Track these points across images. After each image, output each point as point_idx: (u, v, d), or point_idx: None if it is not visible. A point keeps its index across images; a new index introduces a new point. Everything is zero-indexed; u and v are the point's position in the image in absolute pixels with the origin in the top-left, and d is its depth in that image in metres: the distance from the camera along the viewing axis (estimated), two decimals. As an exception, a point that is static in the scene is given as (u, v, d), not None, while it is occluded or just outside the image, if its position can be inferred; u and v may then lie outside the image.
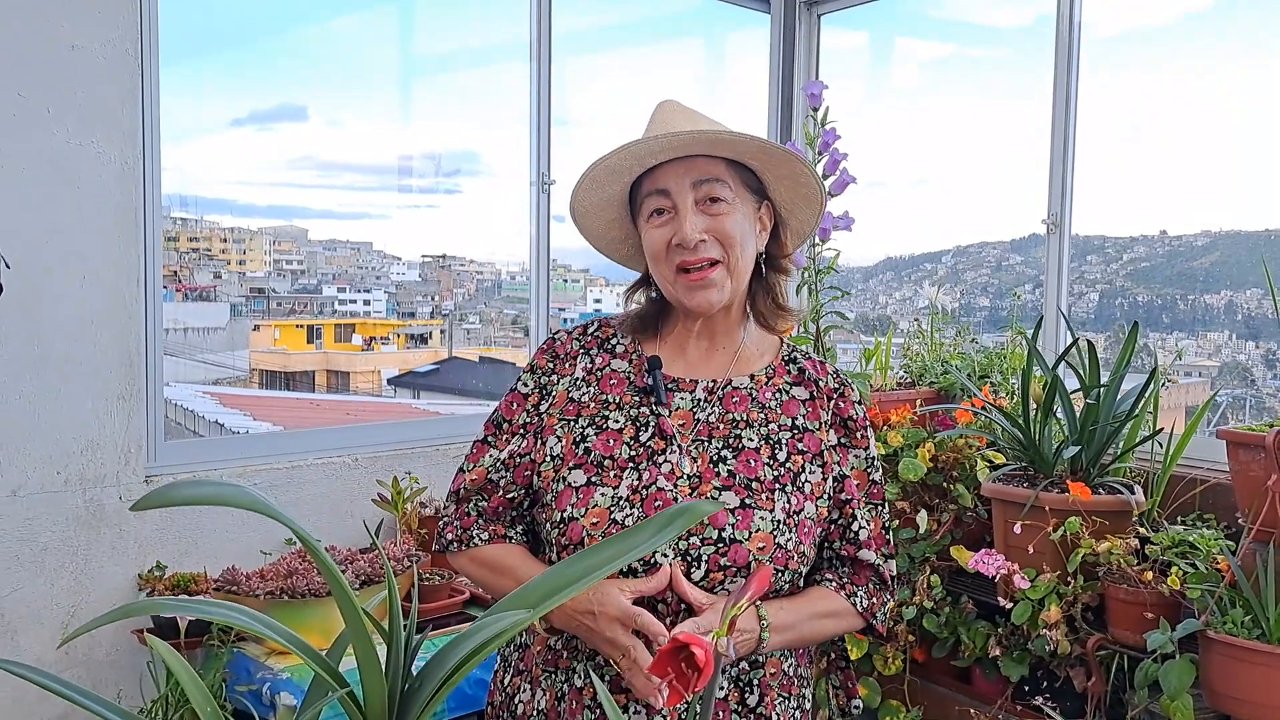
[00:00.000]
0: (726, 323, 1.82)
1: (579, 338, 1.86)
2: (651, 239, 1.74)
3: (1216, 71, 3.50)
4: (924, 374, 3.38)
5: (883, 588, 1.83)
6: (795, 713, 1.77)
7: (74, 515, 2.66)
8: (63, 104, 2.57)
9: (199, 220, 7.06)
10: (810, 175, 1.78)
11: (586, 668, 1.69)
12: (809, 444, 1.76)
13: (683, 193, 1.71)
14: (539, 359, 1.86)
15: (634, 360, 1.82)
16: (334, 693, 1.18)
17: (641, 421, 1.75)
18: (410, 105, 4.52)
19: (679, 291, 1.74)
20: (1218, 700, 2.17)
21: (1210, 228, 3.77)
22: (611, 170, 1.75)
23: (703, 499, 1.66)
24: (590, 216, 1.84)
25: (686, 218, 1.70)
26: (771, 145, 1.73)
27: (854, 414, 1.83)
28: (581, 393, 1.79)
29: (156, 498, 1.08)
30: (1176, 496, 2.73)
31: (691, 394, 1.78)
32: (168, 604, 1.23)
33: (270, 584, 2.57)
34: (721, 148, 1.72)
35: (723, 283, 1.72)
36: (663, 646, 1.22)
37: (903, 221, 4.58)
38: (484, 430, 1.84)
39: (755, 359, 1.83)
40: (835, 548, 1.80)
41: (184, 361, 7.24)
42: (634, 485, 1.68)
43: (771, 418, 1.77)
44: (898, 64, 4.81)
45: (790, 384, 1.82)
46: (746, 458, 1.72)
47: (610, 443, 1.73)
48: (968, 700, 2.77)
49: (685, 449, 1.72)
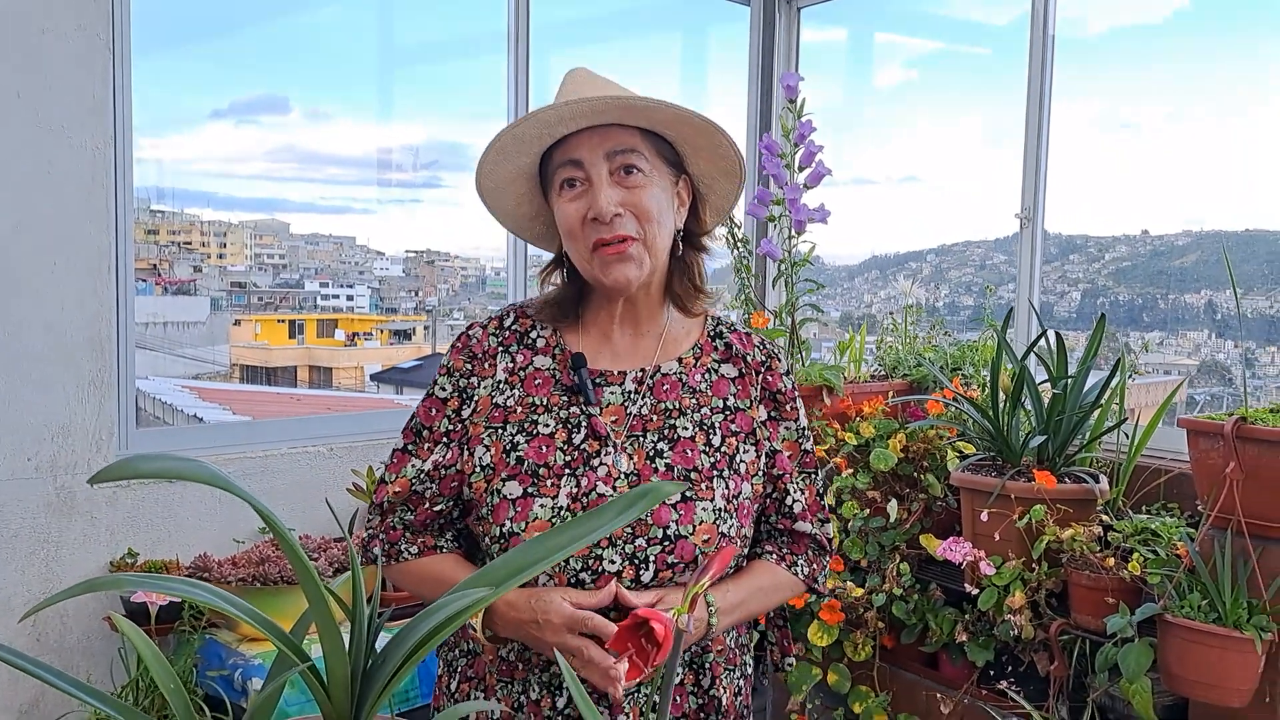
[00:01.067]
0: (649, 304, 1.75)
1: (496, 333, 1.77)
2: (564, 213, 1.66)
3: (1200, 71, 3.53)
4: (897, 366, 3.41)
5: (822, 553, 1.84)
6: (739, 682, 1.78)
7: (45, 502, 2.67)
8: (34, 89, 2.57)
9: (179, 213, 7.02)
10: (730, 147, 1.70)
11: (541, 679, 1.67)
12: (741, 423, 1.74)
13: (596, 163, 1.63)
14: (455, 360, 1.78)
15: (557, 356, 1.74)
16: (296, 667, 1.20)
17: (573, 423, 1.68)
18: (391, 98, 4.52)
19: (595, 268, 1.66)
20: (1174, 682, 2.20)
21: (1191, 227, 3.81)
22: (520, 139, 1.66)
23: (664, 480, 1.66)
24: (499, 193, 1.75)
25: (601, 189, 1.62)
26: (689, 113, 1.65)
27: (782, 386, 1.80)
28: (506, 396, 1.72)
29: (117, 469, 1.08)
30: (1142, 486, 2.77)
31: (621, 386, 1.72)
32: (132, 580, 1.24)
33: (242, 570, 2.58)
34: (636, 115, 1.64)
35: (641, 258, 1.65)
36: (623, 623, 1.24)
37: (888, 220, 4.61)
38: (403, 438, 1.75)
39: (682, 339, 1.79)
40: (772, 521, 1.80)
41: (163, 355, 7.21)
42: (573, 493, 1.63)
43: (703, 401, 1.73)
44: (879, 60, 4.83)
45: (719, 361, 1.78)
46: (683, 448, 1.68)
47: (543, 449, 1.66)
48: (935, 685, 2.80)
49: (620, 446, 1.68)
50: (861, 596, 2.82)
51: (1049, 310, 3.60)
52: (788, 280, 3.33)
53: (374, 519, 1.76)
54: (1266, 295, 3.52)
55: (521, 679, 1.69)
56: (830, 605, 2.82)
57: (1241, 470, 2.18)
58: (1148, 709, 2.22)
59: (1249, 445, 2.18)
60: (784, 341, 3.33)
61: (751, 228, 3.94)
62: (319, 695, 1.20)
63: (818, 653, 2.87)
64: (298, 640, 1.27)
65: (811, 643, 2.84)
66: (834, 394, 3.10)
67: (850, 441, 2.97)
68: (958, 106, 4.33)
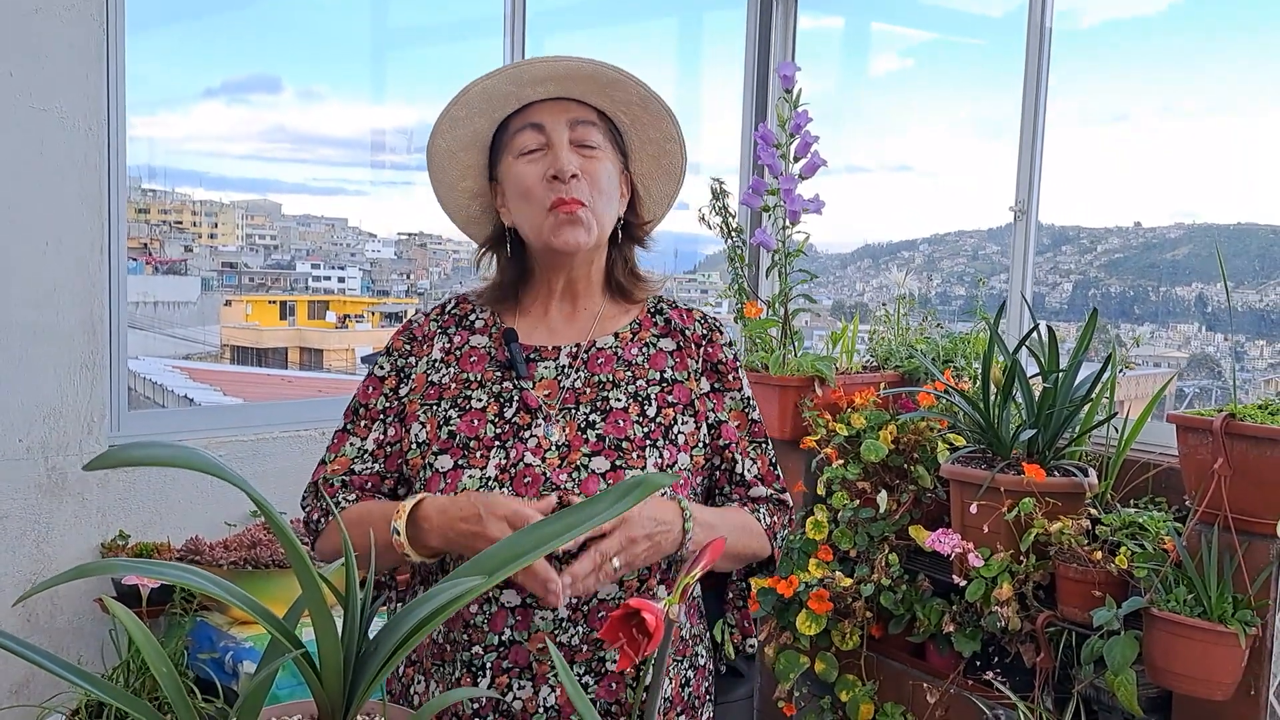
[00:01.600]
0: (588, 282, 1.80)
1: (436, 318, 1.83)
2: (522, 174, 1.70)
3: (1193, 64, 3.53)
4: (889, 358, 3.42)
5: (782, 509, 1.84)
6: (688, 672, 1.79)
7: (36, 483, 2.67)
8: (26, 69, 2.56)
9: (170, 192, 6.99)
10: (677, 142, 1.77)
11: (463, 657, 1.68)
12: (679, 395, 1.76)
13: (558, 129, 1.69)
14: (395, 342, 1.83)
15: (493, 335, 1.79)
16: (289, 654, 1.21)
17: (505, 397, 1.72)
18: (384, 79, 4.51)
19: (548, 230, 1.69)
20: (1159, 675, 2.22)
21: (1183, 220, 3.82)
22: (488, 94, 1.71)
23: (658, 471, 1.67)
24: (449, 159, 1.78)
25: (563, 150, 1.68)
26: (653, 94, 1.72)
27: (723, 357, 1.82)
28: (441, 374, 1.76)
29: (110, 457, 1.09)
30: (1130, 479, 2.78)
31: (555, 361, 1.76)
32: (123, 564, 1.25)
33: (234, 554, 2.59)
34: (602, 91, 1.71)
35: (590, 225, 1.70)
36: (614, 613, 1.24)
37: (882, 208, 4.61)
38: (343, 419, 1.80)
39: (620, 317, 1.82)
40: (726, 492, 1.81)
41: (154, 335, 7.19)
42: (501, 464, 1.66)
43: (639, 374, 1.76)
44: (876, 50, 4.83)
45: (658, 336, 1.81)
46: (615, 419, 1.71)
47: (475, 423, 1.70)
48: (922, 675, 2.82)
49: (552, 418, 1.70)
50: (850, 586, 2.83)
51: (1040, 301, 3.60)
52: (781, 270, 3.33)
53: (308, 497, 1.80)
54: (1257, 289, 3.53)
55: (450, 660, 1.70)
56: (818, 595, 2.83)
57: (1230, 466, 2.19)
58: (1132, 701, 2.24)
59: (1237, 441, 2.19)
60: (776, 332, 3.34)
61: (745, 217, 3.94)
62: (312, 682, 1.20)
63: (805, 641, 2.89)
64: (291, 626, 1.28)
65: (799, 631, 2.85)
66: (825, 385, 3.11)
67: (841, 432, 2.97)
68: (952, 96, 4.34)
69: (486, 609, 1.65)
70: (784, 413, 3.15)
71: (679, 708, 1.76)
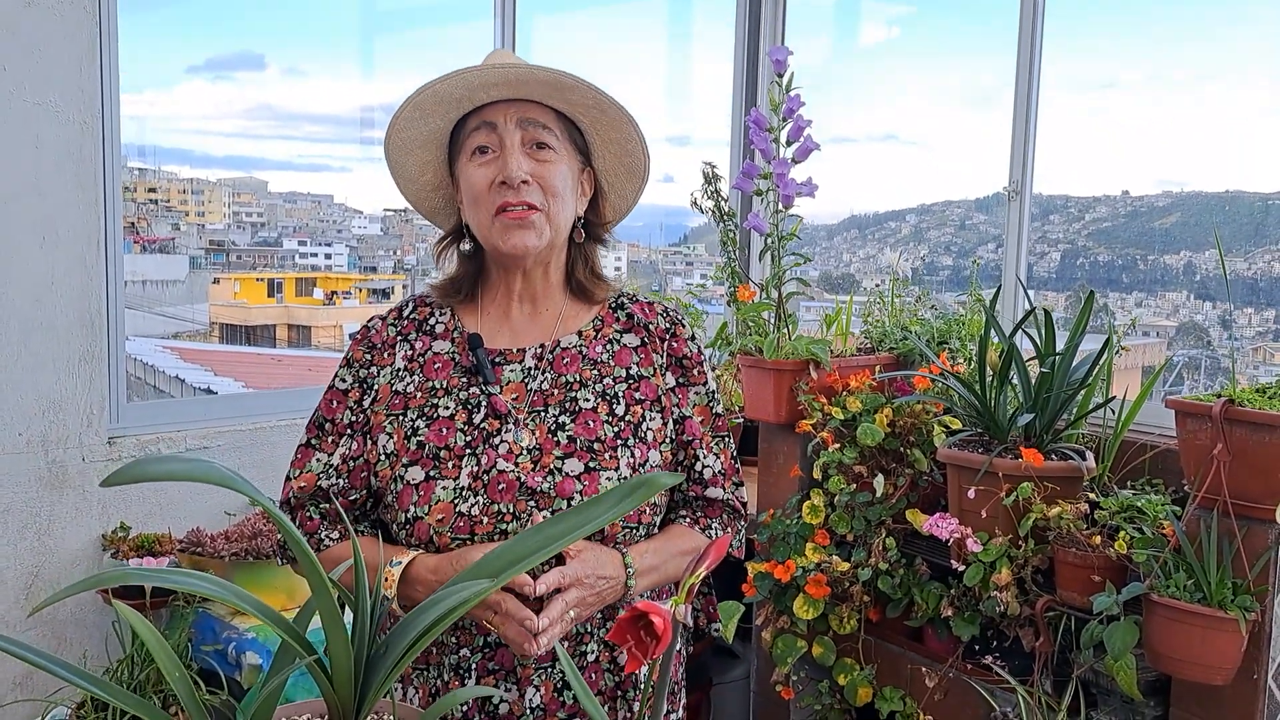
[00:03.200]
0: (547, 285, 1.80)
1: (394, 323, 1.81)
2: (473, 177, 1.70)
3: (1181, 31, 3.52)
4: (883, 340, 3.42)
5: (736, 517, 1.86)
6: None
7: (37, 476, 2.67)
8: (19, 63, 2.55)
9: (156, 170, 6.95)
10: (639, 144, 1.76)
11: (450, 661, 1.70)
12: (645, 391, 1.76)
13: (510, 130, 1.68)
14: (355, 351, 1.80)
15: (456, 339, 1.78)
16: (301, 660, 1.21)
17: (473, 404, 1.71)
18: (373, 58, 4.49)
19: (495, 234, 1.70)
20: (1158, 660, 2.24)
21: (1172, 189, 3.82)
22: (440, 99, 1.70)
23: (660, 472, 1.68)
24: (405, 154, 1.78)
25: (513, 154, 1.67)
26: (609, 99, 1.71)
27: (688, 352, 1.83)
28: (405, 383, 1.75)
29: (127, 474, 1.09)
30: (1128, 461, 2.79)
31: (520, 364, 1.75)
32: (141, 574, 1.26)
33: (235, 545, 2.59)
34: (556, 94, 1.70)
35: (541, 228, 1.70)
36: (621, 616, 1.25)
37: (869, 179, 4.60)
38: (306, 433, 1.78)
39: (583, 314, 1.82)
40: (684, 489, 1.82)
41: (143, 314, 7.15)
42: (474, 472, 1.66)
43: (605, 371, 1.76)
44: (866, 19, 4.81)
45: (621, 331, 1.81)
46: (585, 419, 1.71)
47: (443, 432, 1.69)
48: (920, 659, 2.83)
49: (522, 423, 1.70)
50: (847, 570, 2.85)
51: (1029, 271, 3.60)
52: (774, 254, 3.32)
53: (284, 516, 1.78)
54: (1245, 257, 3.54)
55: (436, 663, 1.71)
56: (816, 579, 2.84)
57: (1229, 452, 2.20)
58: (1131, 685, 2.26)
59: (1237, 427, 2.20)
60: (770, 315, 3.34)
61: (737, 201, 3.93)
62: (324, 685, 1.21)
63: (803, 625, 2.90)
64: (302, 629, 1.28)
65: (797, 616, 2.87)
66: (820, 368, 3.11)
67: (837, 416, 2.98)
68: (940, 65, 4.32)
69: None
70: (779, 396, 3.15)
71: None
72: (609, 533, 1.67)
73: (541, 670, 1.68)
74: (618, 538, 1.69)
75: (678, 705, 1.86)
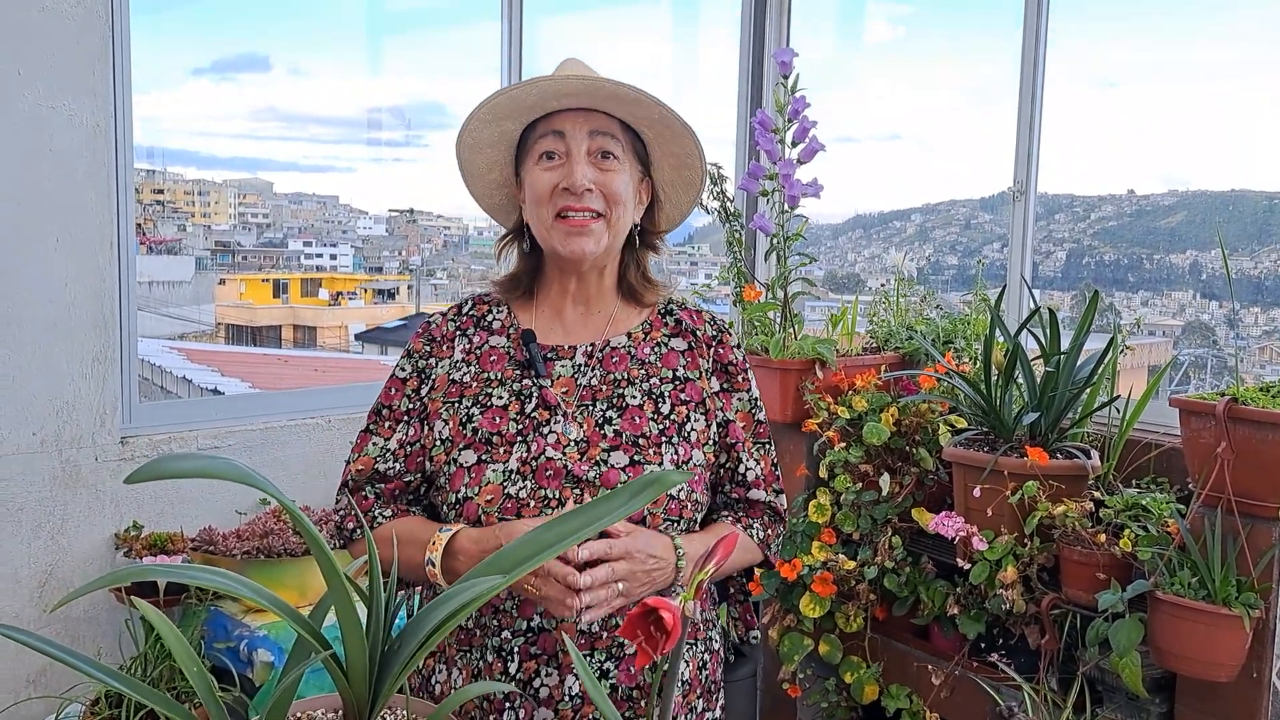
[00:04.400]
0: (600, 286, 1.86)
1: (454, 319, 1.88)
2: (538, 180, 1.76)
3: (1185, 29, 3.53)
4: (889, 339, 3.44)
5: (777, 520, 1.90)
6: (704, 655, 1.84)
7: (51, 476, 2.69)
8: (33, 67, 2.57)
9: (163, 172, 6.97)
10: (698, 159, 1.82)
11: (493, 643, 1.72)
12: (691, 393, 1.81)
13: (578, 139, 1.74)
14: (415, 343, 1.87)
15: (511, 335, 1.84)
16: (317, 654, 1.23)
17: (525, 394, 1.77)
18: (379, 59, 4.51)
19: (555, 237, 1.76)
20: (1163, 658, 2.25)
21: (1177, 187, 3.83)
22: (515, 103, 1.75)
23: (673, 469, 1.71)
24: (477, 152, 1.84)
25: (579, 163, 1.73)
26: (673, 115, 1.76)
27: (733, 359, 1.88)
28: (462, 373, 1.81)
29: (149, 471, 1.12)
30: (1133, 460, 2.80)
31: (571, 360, 1.81)
32: (160, 570, 1.27)
33: (247, 544, 2.62)
34: (626, 106, 1.75)
35: (600, 235, 1.76)
36: (631, 611, 1.27)
37: (873, 178, 4.61)
38: (367, 420, 1.85)
39: (633, 318, 1.88)
40: (726, 491, 1.87)
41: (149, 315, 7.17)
42: (523, 458, 1.71)
43: (652, 372, 1.81)
44: (870, 19, 4.82)
45: (669, 336, 1.87)
46: (631, 415, 1.76)
47: (496, 419, 1.75)
48: (926, 657, 2.85)
49: (571, 415, 1.75)
50: (854, 569, 2.86)
51: (1034, 270, 3.60)
52: (780, 254, 3.34)
53: (341, 499, 1.85)
54: (1250, 255, 3.55)
55: (480, 644, 1.74)
56: (822, 578, 2.86)
57: (1233, 450, 2.22)
58: (1137, 683, 2.27)
59: (1240, 426, 2.22)
60: (775, 315, 3.36)
61: (743, 201, 3.95)
62: (339, 680, 1.23)
63: (809, 624, 2.92)
64: (317, 624, 1.30)
65: (803, 614, 2.88)
66: (826, 368, 3.13)
67: (843, 415, 3.00)
68: (945, 64, 4.33)
69: (516, 595, 1.69)
70: (785, 396, 3.17)
71: (697, 690, 1.81)
72: (651, 524, 1.70)
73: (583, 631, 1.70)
74: (660, 529, 1.72)
75: (714, 705, 1.88)
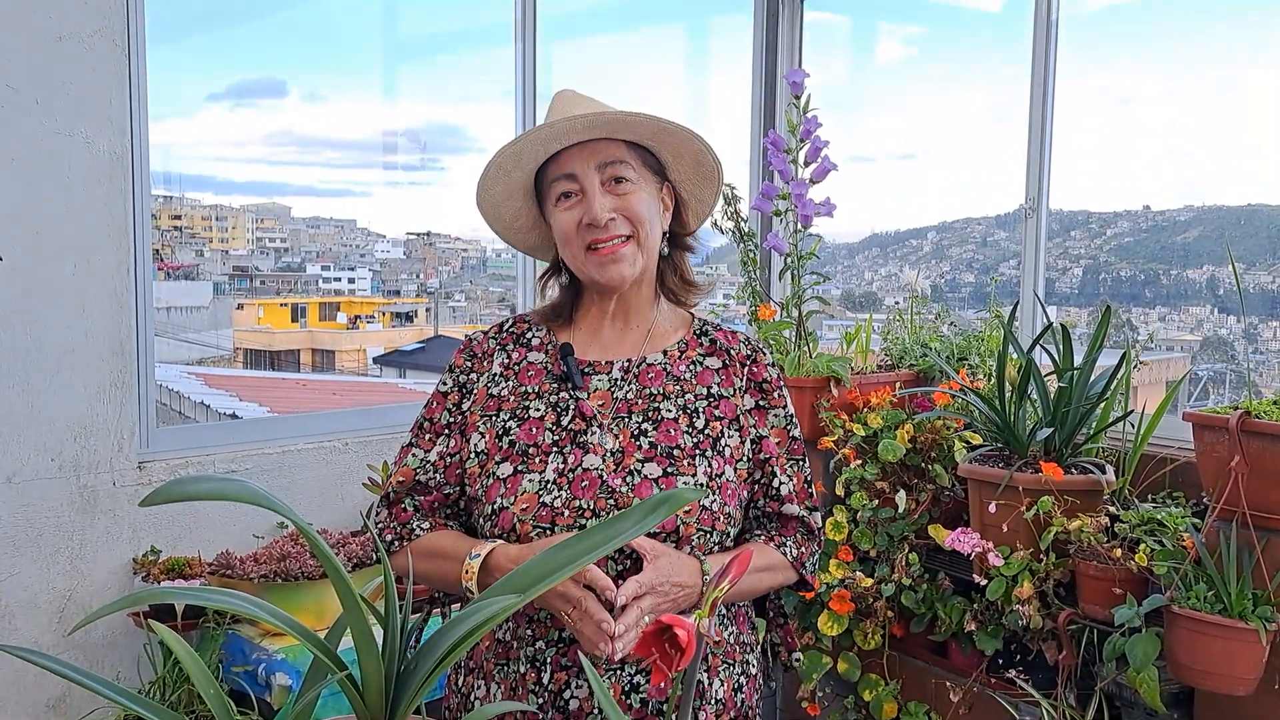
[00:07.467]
0: (639, 300, 1.88)
1: (495, 336, 1.92)
2: (561, 221, 1.79)
3: (1198, 45, 3.53)
4: (903, 357, 3.44)
5: (810, 537, 1.90)
6: (740, 678, 1.83)
7: (69, 501, 2.71)
8: (51, 95, 2.60)
9: (180, 198, 7.02)
10: (708, 154, 1.84)
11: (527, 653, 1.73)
12: (725, 410, 1.83)
13: (589, 175, 1.77)
14: (457, 359, 1.91)
15: (549, 351, 1.88)
16: (333, 675, 1.24)
17: (562, 407, 1.81)
18: (394, 83, 4.54)
19: (590, 268, 1.79)
20: (1181, 672, 2.24)
21: (1193, 203, 3.82)
22: (517, 157, 1.79)
23: (685, 487, 1.71)
24: (499, 207, 1.88)
25: (595, 198, 1.76)
26: (670, 124, 1.79)
27: (768, 377, 1.90)
28: (501, 387, 1.85)
29: (165, 493, 1.13)
30: (1147, 475, 2.80)
31: (608, 375, 1.84)
32: (180, 592, 1.29)
33: (264, 567, 2.63)
34: (622, 129, 1.78)
35: (634, 257, 1.79)
36: (646, 629, 1.28)
37: (889, 197, 4.62)
38: (409, 433, 1.89)
39: (669, 334, 1.90)
40: (761, 506, 1.87)
41: (168, 341, 7.21)
42: (559, 468, 1.74)
43: (687, 388, 1.84)
44: (882, 41, 4.84)
45: (703, 355, 1.89)
46: (666, 428, 1.78)
47: (533, 431, 1.78)
48: (944, 673, 2.84)
49: (606, 427, 1.78)
50: (871, 586, 2.86)
51: (1050, 286, 3.61)
52: (794, 273, 3.36)
53: (381, 510, 1.87)
54: (1268, 270, 3.54)
55: (515, 658, 1.75)
56: (840, 595, 2.86)
57: (1246, 464, 2.21)
58: (1155, 698, 2.26)
59: (1254, 439, 2.21)
60: (790, 334, 3.36)
61: (757, 221, 3.96)
62: (355, 701, 1.24)
63: (828, 642, 2.92)
64: (333, 646, 1.31)
65: (821, 632, 2.88)
66: (841, 385, 3.14)
67: (858, 432, 3.00)
68: (957, 83, 4.34)
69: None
70: (800, 414, 3.13)
71: (731, 712, 1.80)
72: (684, 534, 1.71)
73: (612, 672, 1.71)
74: (692, 540, 1.72)
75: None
